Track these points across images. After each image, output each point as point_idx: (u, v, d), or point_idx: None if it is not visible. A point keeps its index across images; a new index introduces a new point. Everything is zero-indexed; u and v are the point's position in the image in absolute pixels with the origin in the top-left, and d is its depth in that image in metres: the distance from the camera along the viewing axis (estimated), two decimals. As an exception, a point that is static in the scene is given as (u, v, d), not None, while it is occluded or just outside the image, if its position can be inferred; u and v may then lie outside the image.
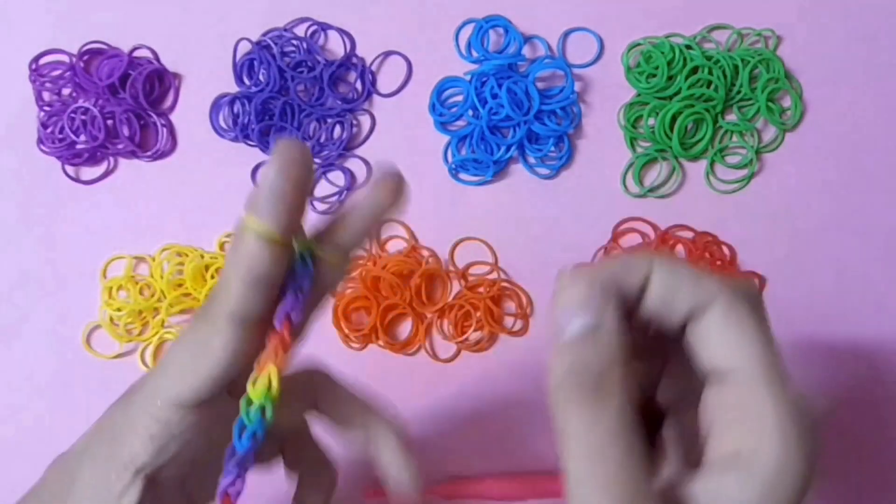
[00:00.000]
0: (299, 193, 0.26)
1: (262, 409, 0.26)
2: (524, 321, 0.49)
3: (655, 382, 0.29)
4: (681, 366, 0.26)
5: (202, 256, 0.49)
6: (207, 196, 0.51)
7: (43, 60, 0.53)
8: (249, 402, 0.26)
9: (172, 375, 0.27)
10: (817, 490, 0.23)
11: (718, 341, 0.24)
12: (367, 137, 0.52)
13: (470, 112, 0.51)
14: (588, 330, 0.23)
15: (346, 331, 0.48)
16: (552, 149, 0.50)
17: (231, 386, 0.27)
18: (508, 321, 0.49)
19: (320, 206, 0.51)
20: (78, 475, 0.28)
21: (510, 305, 0.49)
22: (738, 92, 0.50)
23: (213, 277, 0.48)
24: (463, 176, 0.51)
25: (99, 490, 0.27)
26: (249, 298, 0.26)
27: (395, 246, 0.50)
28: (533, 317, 0.49)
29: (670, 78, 0.50)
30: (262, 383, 0.26)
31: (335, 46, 0.53)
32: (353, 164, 0.51)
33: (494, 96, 0.50)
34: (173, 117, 0.53)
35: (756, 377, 0.23)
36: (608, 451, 0.23)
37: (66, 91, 0.53)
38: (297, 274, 0.27)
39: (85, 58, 0.53)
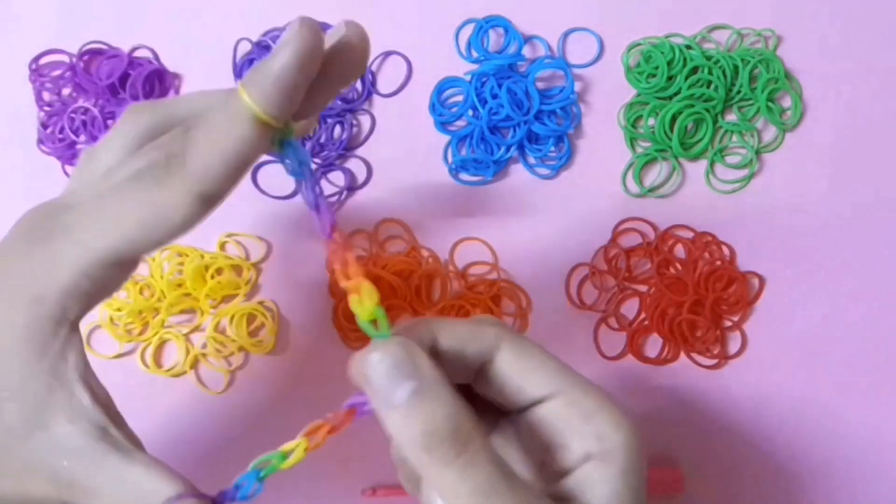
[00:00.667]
0: (307, 84, 0.25)
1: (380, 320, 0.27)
2: (524, 321, 0.49)
3: None
4: (477, 402, 0.29)
5: (202, 256, 0.49)
6: (207, 196, 0.51)
7: (43, 60, 0.53)
8: (370, 321, 0.26)
9: (113, 232, 0.25)
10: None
11: (522, 376, 0.28)
12: (367, 137, 0.52)
13: (470, 112, 0.51)
14: (419, 392, 0.24)
15: (347, 331, 0.48)
16: (552, 149, 0.50)
17: None
18: (508, 321, 0.49)
19: (320, 206, 0.51)
20: None
21: (510, 305, 0.49)
22: (738, 92, 0.50)
23: (213, 277, 0.48)
24: (463, 176, 0.51)
25: (31, 343, 0.25)
26: (227, 181, 0.25)
27: (395, 246, 0.50)
28: (533, 317, 0.49)
29: (670, 78, 0.50)
30: (370, 299, 0.27)
31: (335, 46, 0.53)
32: (354, 164, 0.51)
33: (494, 96, 0.50)
34: (173, 117, 0.53)
35: (573, 393, 0.27)
36: (497, 487, 0.24)
37: (66, 91, 0.53)
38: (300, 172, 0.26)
39: (85, 58, 0.53)
